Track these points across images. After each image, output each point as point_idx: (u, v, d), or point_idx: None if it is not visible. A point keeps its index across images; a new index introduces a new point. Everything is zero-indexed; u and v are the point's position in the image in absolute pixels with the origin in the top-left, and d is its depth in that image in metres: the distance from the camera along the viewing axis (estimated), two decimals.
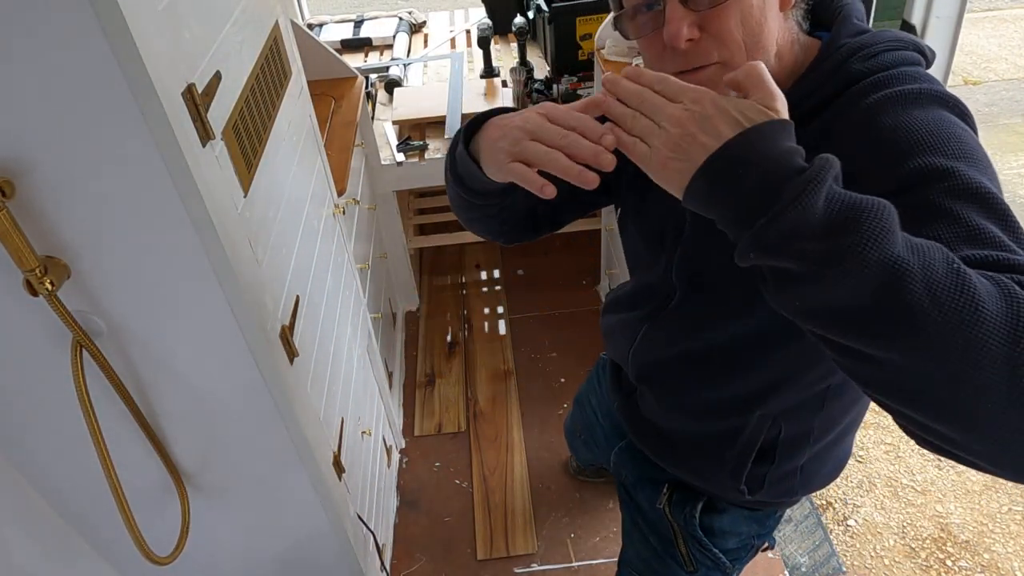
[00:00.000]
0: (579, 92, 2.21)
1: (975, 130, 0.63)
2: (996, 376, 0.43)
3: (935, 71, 1.24)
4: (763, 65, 0.54)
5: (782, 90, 0.54)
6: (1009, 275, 0.46)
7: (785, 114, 0.53)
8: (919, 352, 0.44)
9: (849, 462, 1.04)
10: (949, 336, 0.43)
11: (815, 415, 0.85)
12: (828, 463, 0.95)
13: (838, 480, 1.98)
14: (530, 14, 2.48)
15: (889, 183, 0.56)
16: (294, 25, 1.56)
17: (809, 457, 0.91)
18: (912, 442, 0.51)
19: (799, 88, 0.70)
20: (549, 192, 0.61)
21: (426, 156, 2.07)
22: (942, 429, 0.46)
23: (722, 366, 0.86)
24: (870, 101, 0.64)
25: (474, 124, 0.74)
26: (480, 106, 2.18)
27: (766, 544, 1.05)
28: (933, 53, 0.72)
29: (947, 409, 0.45)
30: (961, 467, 1.99)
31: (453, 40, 2.74)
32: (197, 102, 0.77)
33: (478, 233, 0.92)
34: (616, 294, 1.06)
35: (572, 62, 2.30)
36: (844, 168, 0.51)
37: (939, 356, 0.44)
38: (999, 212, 0.52)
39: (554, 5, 2.23)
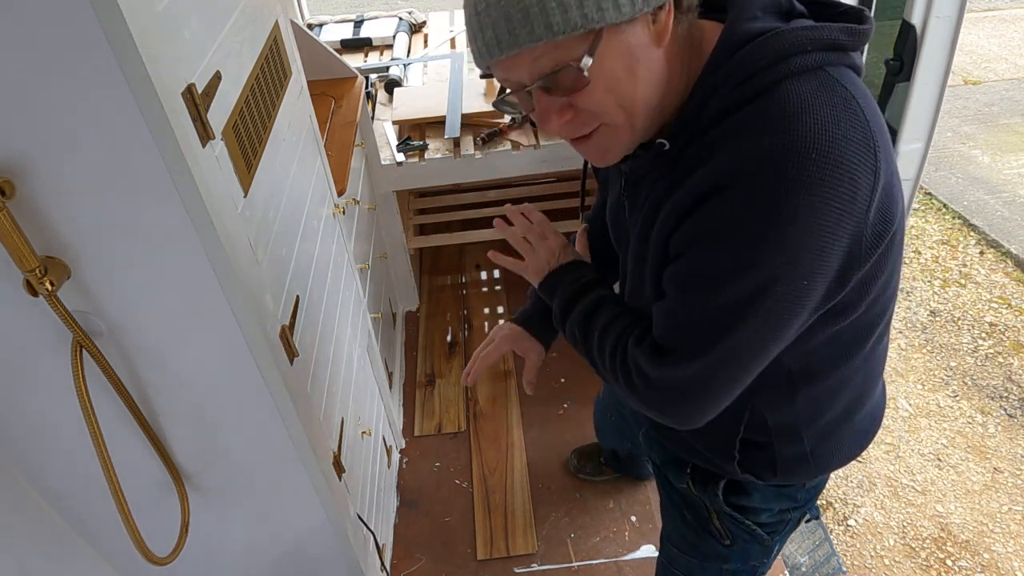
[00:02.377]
0: None
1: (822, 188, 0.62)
2: (617, 386, 0.85)
3: (934, 70, 1.24)
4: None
5: (670, 119, 0.70)
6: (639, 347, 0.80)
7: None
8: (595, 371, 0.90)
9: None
10: (600, 372, 0.89)
11: (792, 401, 0.84)
12: (845, 442, 0.92)
13: (838, 480, 1.99)
14: None
15: (678, 239, 0.72)
16: (294, 25, 1.56)
17: (815, 442, 0.89)
18: (912, 442, 0.51)
19: (675, 128, 0.69)
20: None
21: (426, 156, 2.07)
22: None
23: None
24: (725, 145, 0.66)
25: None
26: (480, 106, 2.17)
27: (808, 516, 1.04)
28: (858, 32, 0.67)
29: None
30: (961, 467, 2.00)
31: (453, 40, 2.74)
32: (197, 102, 0.77)
33: None
34: None
35: None
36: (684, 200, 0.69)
37: (600, 374, 0.89)
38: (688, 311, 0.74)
39: None
